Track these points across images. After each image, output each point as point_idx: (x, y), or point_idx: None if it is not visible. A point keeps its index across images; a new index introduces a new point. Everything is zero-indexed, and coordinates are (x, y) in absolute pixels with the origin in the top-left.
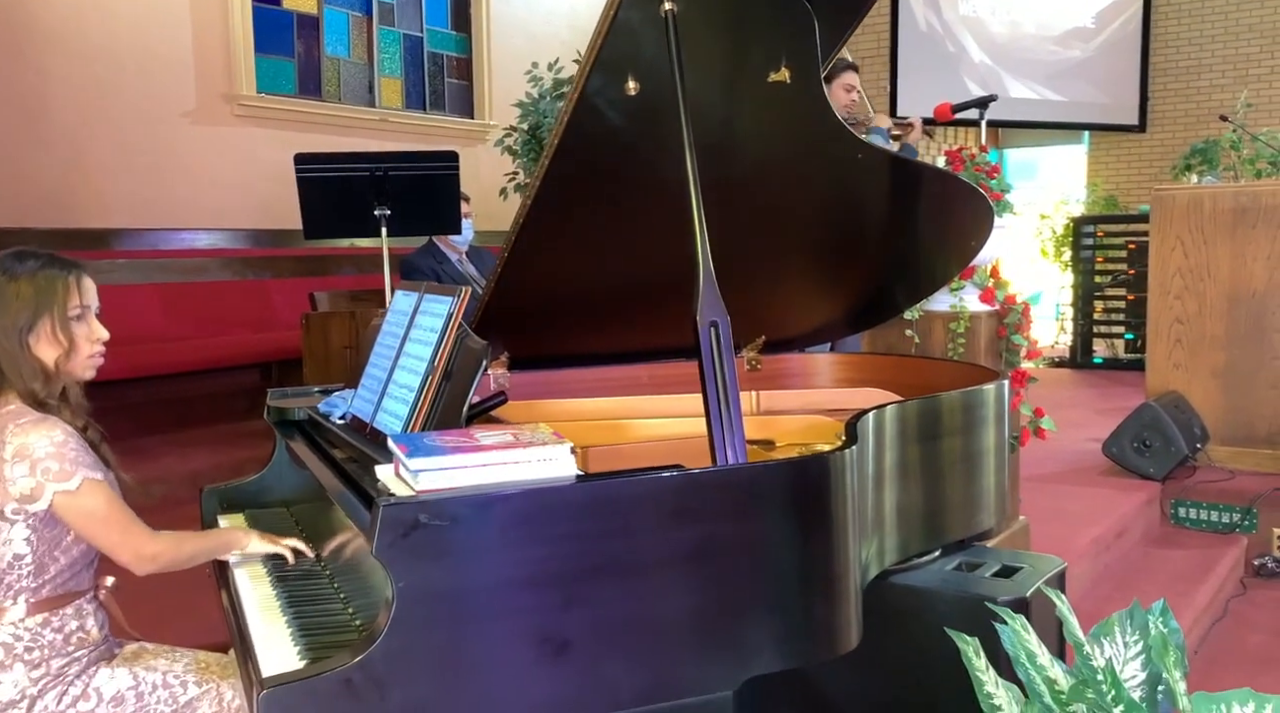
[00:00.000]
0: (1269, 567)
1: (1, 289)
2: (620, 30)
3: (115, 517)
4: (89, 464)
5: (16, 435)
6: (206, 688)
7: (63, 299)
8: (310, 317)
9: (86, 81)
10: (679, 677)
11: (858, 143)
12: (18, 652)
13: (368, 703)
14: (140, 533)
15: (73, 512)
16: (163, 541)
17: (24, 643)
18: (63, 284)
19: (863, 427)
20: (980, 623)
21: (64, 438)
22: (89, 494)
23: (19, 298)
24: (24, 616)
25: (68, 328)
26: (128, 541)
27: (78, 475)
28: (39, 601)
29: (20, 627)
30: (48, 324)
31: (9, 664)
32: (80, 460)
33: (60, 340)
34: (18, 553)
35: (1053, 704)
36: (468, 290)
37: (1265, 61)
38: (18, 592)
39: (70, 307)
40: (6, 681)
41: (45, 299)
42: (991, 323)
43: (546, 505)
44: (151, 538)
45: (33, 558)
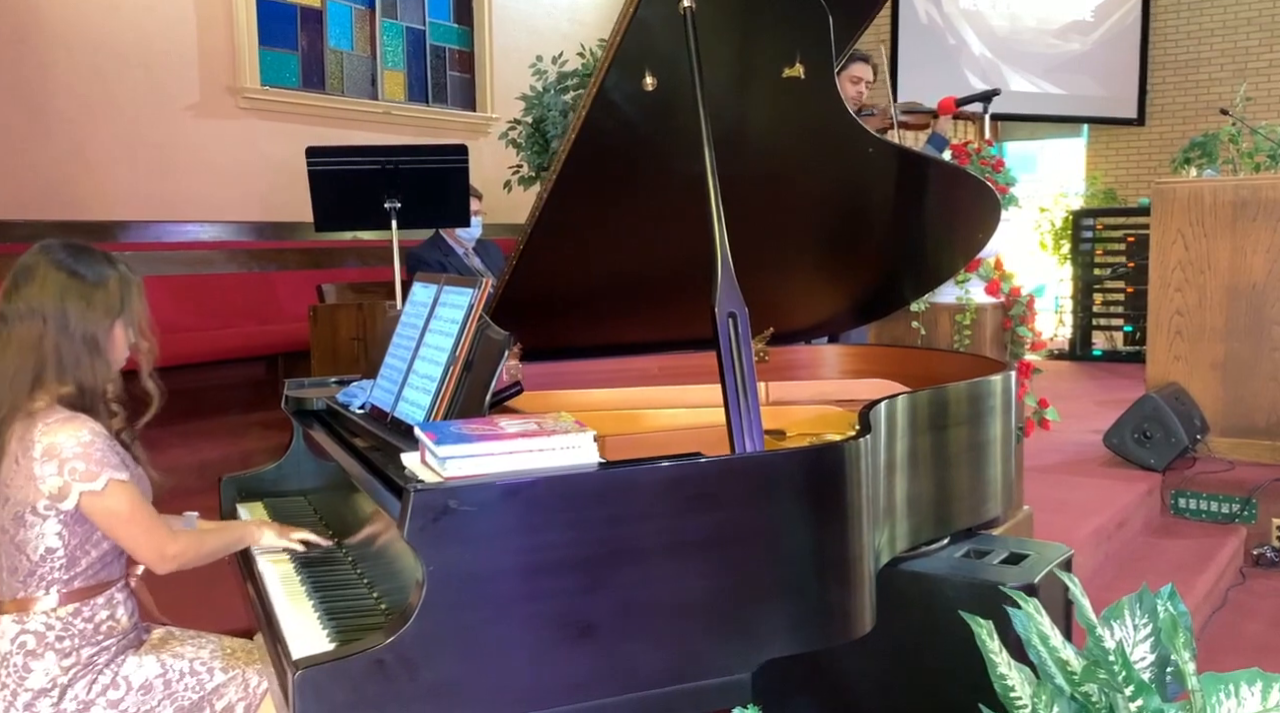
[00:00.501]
0: (1268, 557)
1: (92, 285)
2: (639, 27)
3: (138, 517)
4: (115, 464)
5: (46, 434)
6: (232, 675)
7: (137, 303)
8: (318, 309)
9: (90, 74)
10: (699, 659)
11: (869, 137)
12: (49, 640)
13: (398, 683)
14: (162, 533)
15: (98, 511)
16: (182, 540)
17: (55, 632)
18: (138, 288)
19: (875, 416)
20: (989, 608)
21: (91, 438)
22: (113, 495)
23: (108, 297)
24: (55, 605)
25: (137, 331)
26: (150, 540)
27: (103, 476)
28: (70, 591)
29: (52, 616)
30: (124, 327)
31: (40, 653)
32: (106, 461)
33: (131, 342)
34: (50, 547)
35: (1064, 685)
36: (489, 281)
37: (1264, 55)
38: (50, 583)
39: (139, 311)
40: (38, 669)
41: (127, 301)
42: (997, 315)
43: (571, 492)
44: (172, 538)
45: (64, 552)
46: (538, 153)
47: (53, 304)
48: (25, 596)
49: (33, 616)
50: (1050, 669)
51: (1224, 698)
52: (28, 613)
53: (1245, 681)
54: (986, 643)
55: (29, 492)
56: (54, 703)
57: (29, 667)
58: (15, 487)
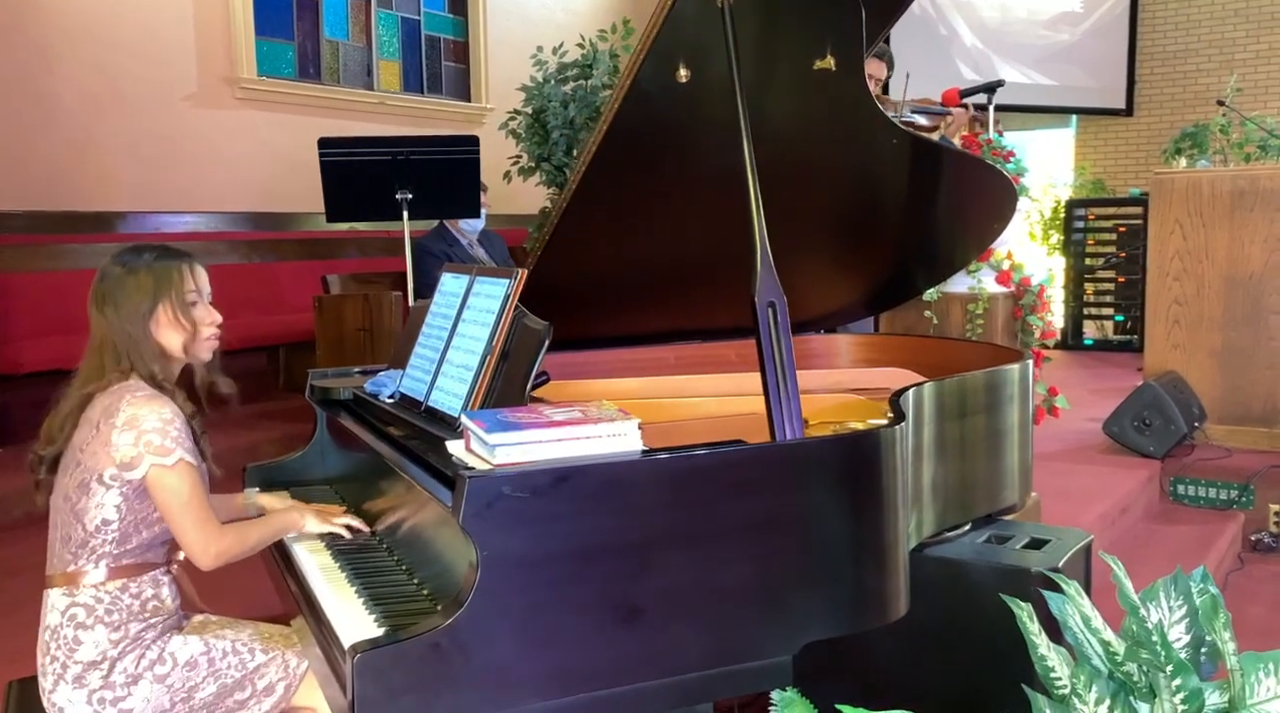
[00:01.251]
0: (1265, 542)
1: (123, 281)
2: (676, 19)
3: (196, 505)
4: (188, 448)
5: (131, 406)
6: (273, 655)
7: (179, 285)
8: (323, 299)
9: (88, 64)
10: (743, 642)
11: (894, 129)
12: (99, 613)
13: (454, 665)
14: (212, 528)
15: (161, 488)
16: (229, 537)
17: (105, 605)
18: (177, 272)
19: (905, 403)
20: (1017, 592)
21: (172, 416)
22: (180, 475)
23: (140, 288)
24: (104, 579)
25: (187, 312)
26: (201, 531)
27: (176, 453)
28: (118, 567)
29: (101, 590)
30: (168, 309)
31: (91, 625)
32: (181, 441)
33: (182, 324)
34: (106, 518)
35: (1101, 666)
36: (524, 272)
37: (1250, 46)
38: (100, 556)
39: (187, 292)
40: (88, 640)
41: (164, 286)
42: (1008, 304)
43: (620, 478)
44: (220, 535)
45: (119, 526)
46: (538, 143)
47: (99, 312)
48: (75, 569)
49: (82, 589)
50: (1088, 651)
51: (1263, 677)
52: (77, 586)
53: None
54: (1027, 625)
55: (101, 459)
56: (104, 676)
57: (79, 639)
58: (89, 453)
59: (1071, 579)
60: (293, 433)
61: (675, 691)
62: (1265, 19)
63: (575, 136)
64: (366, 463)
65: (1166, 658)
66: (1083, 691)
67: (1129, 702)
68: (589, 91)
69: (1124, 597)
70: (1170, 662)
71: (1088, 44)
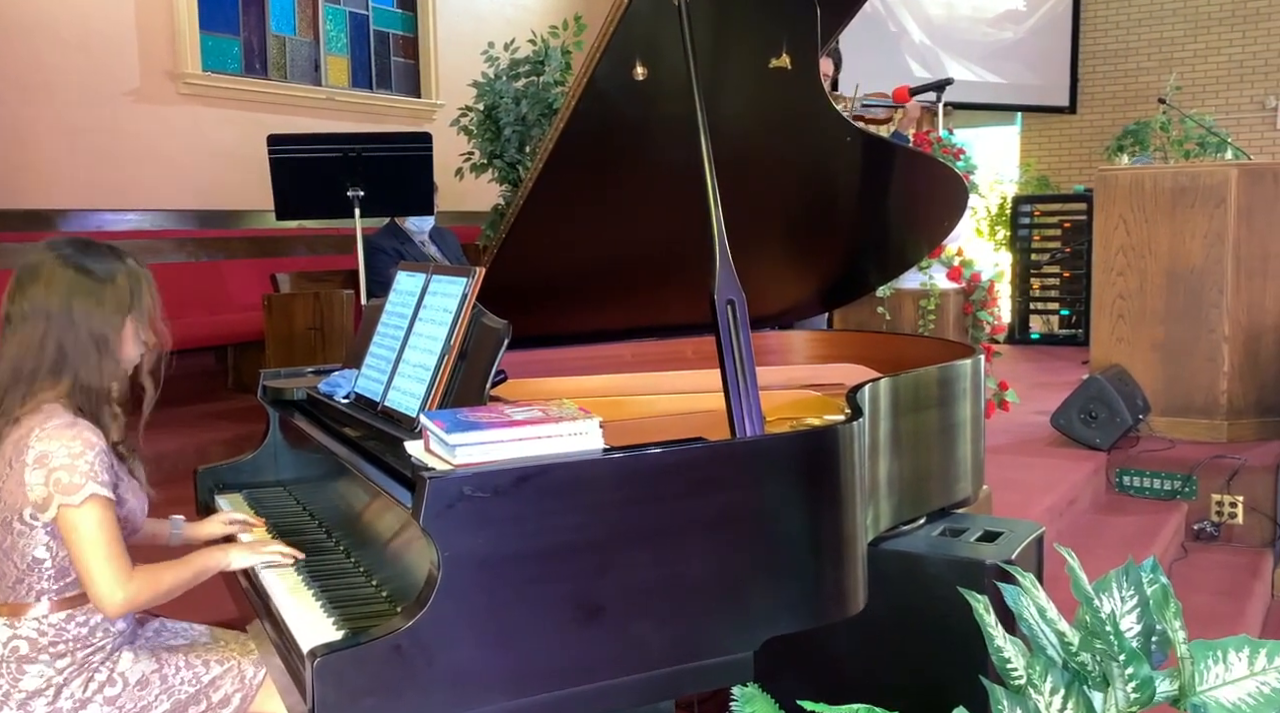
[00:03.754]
0: (1208, 531)
1: (101, 281)
2: (632, 18)
3: (100, 544)
4: (102, 480)
5: (40, 441)
6: (228, 667)
7: (147, 299)
8: (272, 298)
9: (27, 58)
10: (705, 638)
11: (848, 127)
12: (42, 645)
13: (415, 668)
14: (120, 571)
15: (68, 528)
16: (138, 580)
17: (48, 638)
18: (148, 283)
19: (862, 399)
20: (971, 584)
21: (82, 449)
22: (86, 513)
23: (118, 293)
24: (47, 612)
25: (148, 328)
26: (102, 575)
27: (85, 489)
28: (62, 599)
29: (44, 623)
30: (135, 324)
31: (34, 657)
32: (94, 474)
33: (142, 339)
34: (37, 557)
35: (1056, 656)
36: (482, 271)
37: (1189, 45)
38: (40, 592)
39: (149, 306)
40: (32, 672)
41: (137, 298)
42: (959, 300)
43: (582, 477)
44: (126, 579)
45: (52, 563)
46: (489, 140)
47: (58, 302)
48: (16, 601)
49: (24, 621)
50: (1042, 642)
51: (1212, 664)
52: (19, 618)
53: (1233, 647)
54: (984, 618)
55: (18, 498)
56: (49, 702)
57: (23, 669)
58: (7, 490)
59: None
60: (243, 434)
61: (638, 688)
62: (1203, 19)
63: (527, 133)
64: (321, 465)
65: (1119, 647)
66: (1038, 681)
67: (1083, 691)
68: (541, 88)
69: (1078, 588)
70: (1123, 651)
71: (1031, 42)
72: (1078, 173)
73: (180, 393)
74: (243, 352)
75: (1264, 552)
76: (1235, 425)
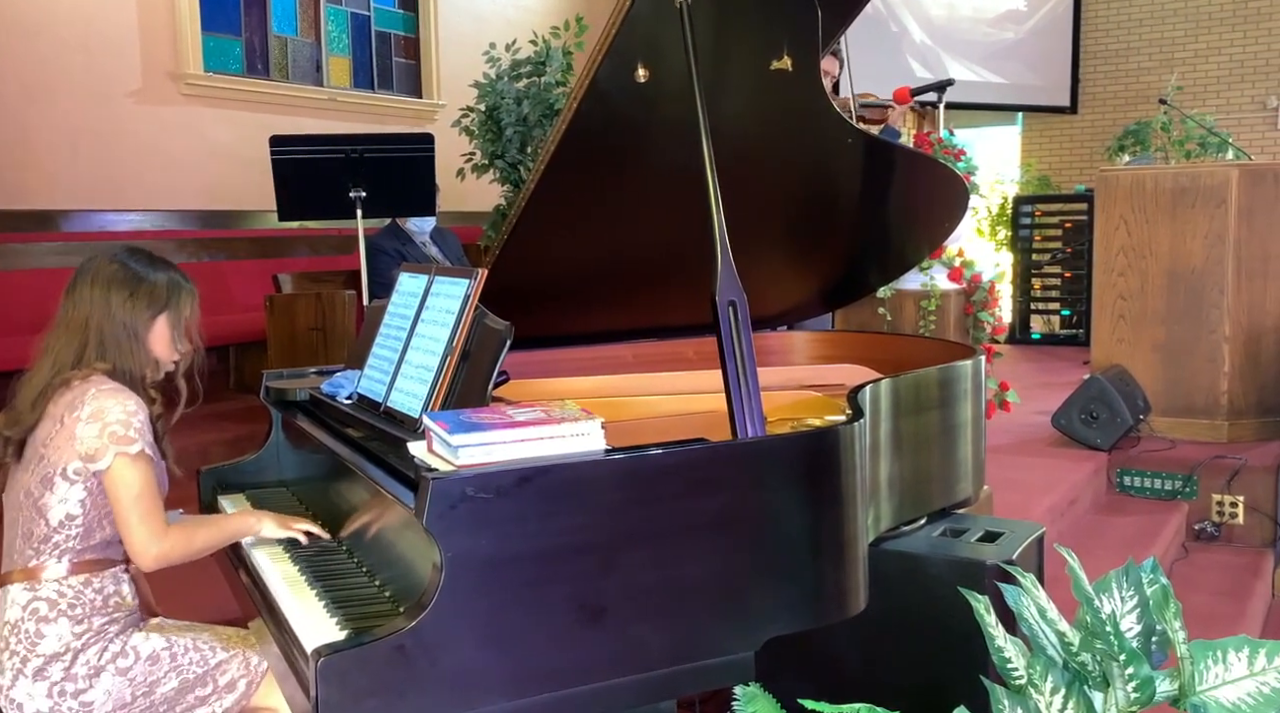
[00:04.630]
0: (1208, 531)
1: (139, 280)
2: (634, 20)
3: (145, 498)
4: (149, 443)
5: (96, 399)
6: (234, 653)
7: (185, 307)
8: (274, 299)
9: (29, 59)
10: (706, 639)
11: (849, 129)
12: (61, 607)
13: (418, 668)
14: (158, 525)
15: (118, 479)
16: (173, 536)
17: (68, 599)
18: (189, 294)
19: (863, 400)
20: (972, 584)
21: (136, 409)
22: (137, 466)
23: (154, 292)
24: (66, 574)
25: (179, 335)
26: (145, 527)
27: (139, 444)
28: (81, 562)
29: (64, 584)
30: (167, 324)
31: (54, 618)
32: (144, 434)
33: (172, 343)
34: (70, 513)
35: (1056, 656)
36: (484, 272)
37: (1190, 45)
38: (63, 551)
39: (187, 315)
40: (50, 633)
41: (174, 302)
42: (960, 301)
43: (584, 478)
44: (163, 533)
45: (83, 520)
46: (491, 140)
47: (100, 293)
48: (35, 564)
49: (43, 583)
50: (1043, 642)
51: (1212, 664)
52: (38, 581)
53: (1233, 647)
54: (984, 618)
55: (65, 453)
56: (65, 667)
57: (41, 632)
58: (53, 448)
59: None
60: (244, 434)
61: (639, 688)
62: (1204, 19)
63: (529, 134)
64: (324, 465)
65: (1119, 648)
66: (1039, 681)
67: (1083, 691)
68: (542, 88)
69: (1079, 588)
70: (1123, 651)
71: (1032, 42)
72: (1079, 173)
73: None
74: (245, 352)
75: (1264, 552)
76: (1236, 426)
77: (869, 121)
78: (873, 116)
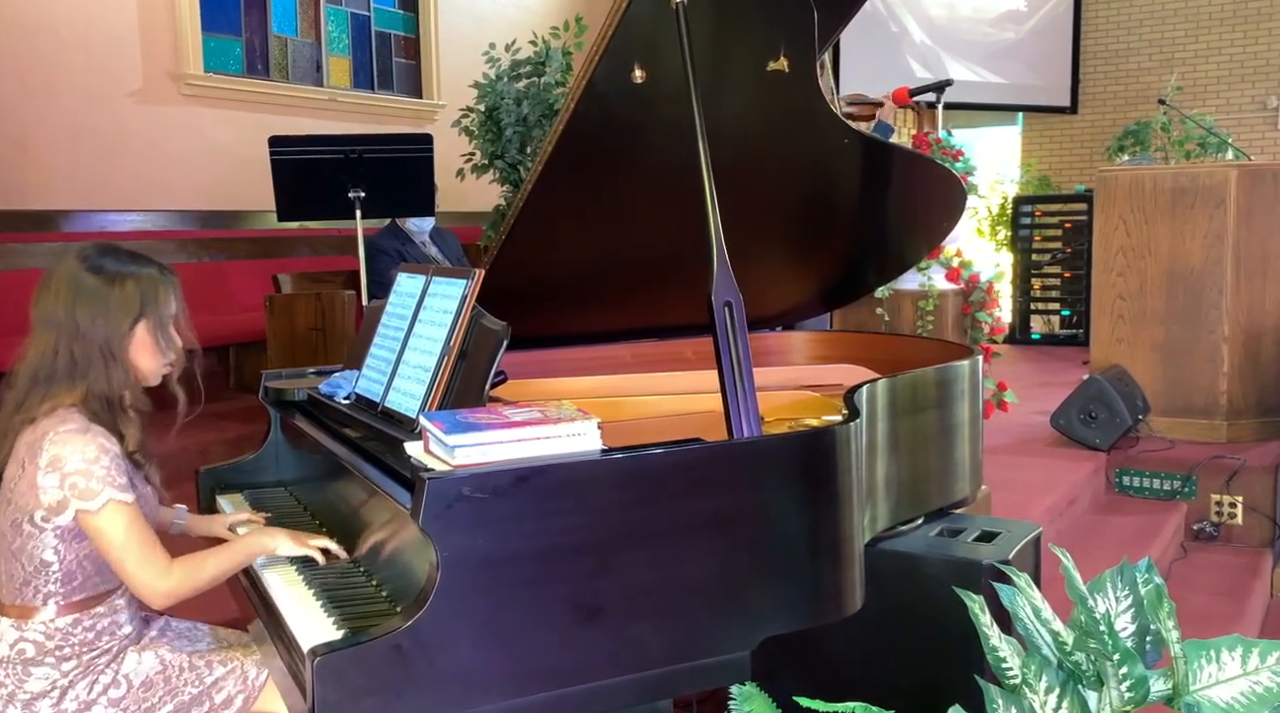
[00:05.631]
0: (1207, 531)
1: (109, 287)
2: (631, 20)
3: (132, 545)
4: (120, 485)
5: (54, 445)
6: (231, 667)
7: (166, 304)
8: (274, 299)
9: (29, 58)
10: (702, 638)
11: (845, 129)
12: (48, 648)
13: (415, 667)
14: (157, 566)
15: (94, 532)
16: (177, 574)
17: (55, 642)
18: (168, 287)
19: (859, 400)
20: (968, 584)
21: (97, 455)
22: (109, 517)
23: (126, 299)
24: (54, 616)
25: (167, 334)
26: (142, 572)
27: (103, 495)
28: (69, 604)
29: (51, 627)
30: (149, 329)
31: (39, 660)
32: (109, 480)
33: (160, 347)
34: (45, 560)
35: (1051, 656)
36: (481, 272)
37: (1190, 45)
38: (46, 595)
39: (172, 312)
40: (37, 674)
41: (151, 302)
42: (958, 301)
43: (580, 478)
44: (166, 572)
45: (59, 567)
46: (490, 141)
47: (64, 311)
48: (24, 603)
49: (31, 625)
50: (1038, 641)
51: (1205, 664)
52: (27, 620)
53: (1226, 647)
54: (979, 617)
55: (30, 500)
56: (54, 704)
57: (29, 671)
58: (18, 492)
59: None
60: (244, 434)
61: (635, 688)
62: (1204, 19)
63: (528, 134)
64: (322, 465)
65: (1114, 647)
66: (1033, 680)
67: (1078, 690)
68: (542, 89)
69: (1073, 588)
70: (1117, 651)
71: (1032, 42)
72: (1079, 173)
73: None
74: (245, 352)
75: (1263, 552)
76: (1235, 426)
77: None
78: (861, 113)
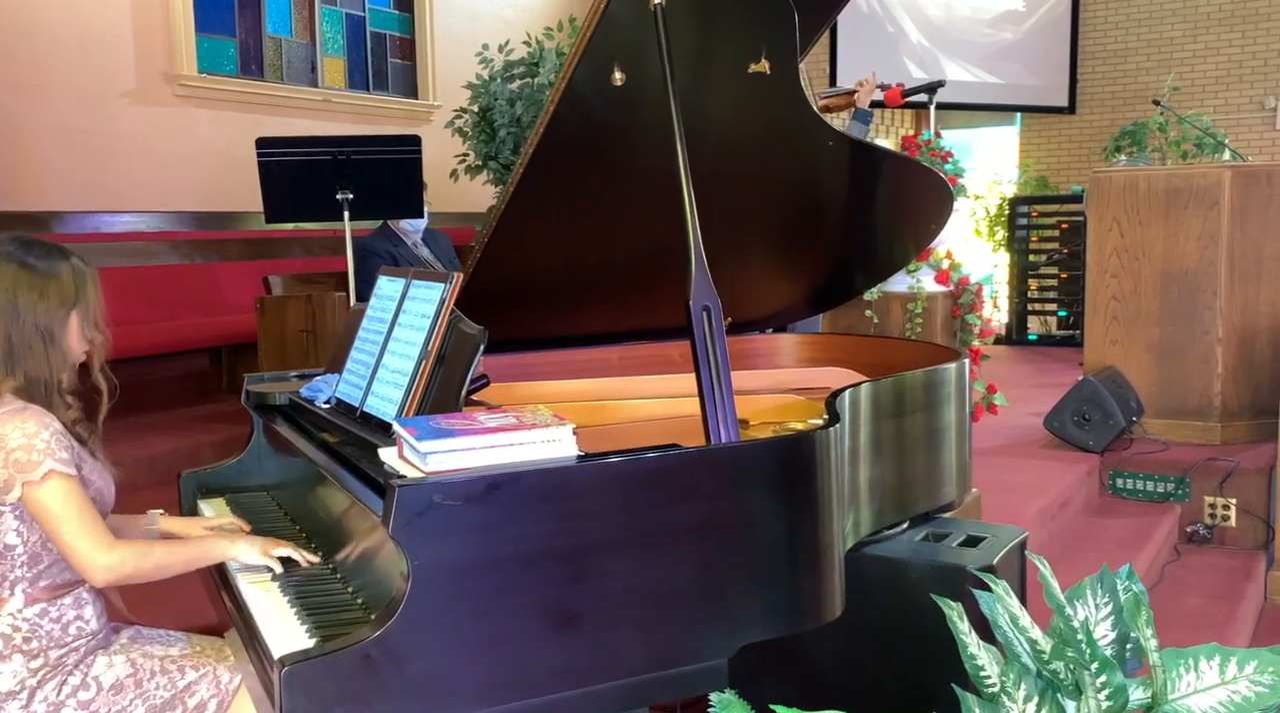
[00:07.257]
0: (1201, 534)
1: (46, 276)
2: (609, 22)
3: (71, 516)
4: (61, 459)
5: None
6: (204, 672)
7: (92, 295)
8: (265, 301)
9: (22, 59)
10: (679, 646)
11: (829, 131)
12: (16, 642)
13: (385, 676)
14: (97, 539)
15: (35, 504)
16: (120, 551)
17: (22, 634)
18: (93, 280)
19: (841, 405)
20: (952, 590)
21: (36, 429)
22: (49, 488)
23: (62, 290)
24: (22, 607)
25: (93, 325)
26: (80, 542)
27: (43, 466)
28: (36, 591)
29: (19, 617)
30: (80, 319)
31: (8, 655)
32: (50, 452)
33: (86, 336)
34: (8, 543)
35: (1030, 664)
36: (460, 276)
37: (1188, 45)
38: (14, 582)
39: (93, 302)
40: (5, 671)
41: (83, 293)
42: (947, 303)
43: (554, 485)
44: (108, 546)
45: (24, 549)
46: (484, 141)
47: (4, 296)
48: None
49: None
50: (1017, 649)
51: (1184, 672)
52: None
53: (1204, 655)
54: (957, 624)
55: None
56: (23, 706)
57: None
58: None
59: (1005, 577)
60: (235, 436)
61: (610, 696)
62: (1202, 19)
63: (522, 135)
64: (302, 469)
65: (1092, 656)
66: (1012, 689)
67: (1056, 699)
68: (536, 89)
69: (1050, 596)
70: (1095, 659)
71: (1030, 43)
72: (1077, 173)
73: (176, 395)
74: (237, 353)
75: (1257, 554)
76: (1229, 428)
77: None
78: (836, 104)
